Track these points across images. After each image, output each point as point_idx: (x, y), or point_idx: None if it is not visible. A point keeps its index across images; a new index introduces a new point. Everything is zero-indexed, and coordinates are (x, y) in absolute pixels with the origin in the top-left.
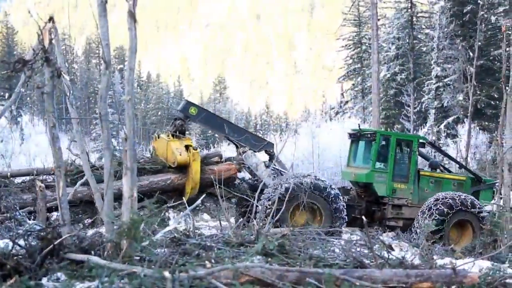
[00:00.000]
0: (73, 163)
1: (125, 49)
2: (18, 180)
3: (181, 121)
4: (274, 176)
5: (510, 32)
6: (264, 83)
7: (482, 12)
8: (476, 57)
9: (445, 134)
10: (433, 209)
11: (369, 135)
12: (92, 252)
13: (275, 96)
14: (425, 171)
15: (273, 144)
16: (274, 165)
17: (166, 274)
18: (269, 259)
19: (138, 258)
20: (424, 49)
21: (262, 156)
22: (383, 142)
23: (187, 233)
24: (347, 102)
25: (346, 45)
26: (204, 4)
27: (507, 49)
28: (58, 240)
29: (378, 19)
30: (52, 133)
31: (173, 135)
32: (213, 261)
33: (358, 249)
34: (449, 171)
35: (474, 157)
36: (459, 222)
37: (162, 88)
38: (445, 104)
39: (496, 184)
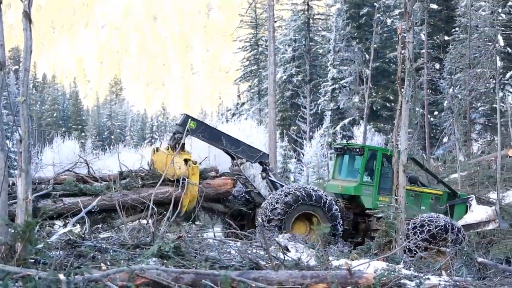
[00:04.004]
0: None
1: (21, 50)
2: None
3: (181, 134)
4: (269, 188)
5: (405, 35)
6: (160, 85)
7: (378, 15)
8: (372, 59)
9: (341, 135)
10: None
11: (357, 150)
12: None
13: (171, 97)
14: (405, 185)
15: (268, 155)
16: (270, 176)
17: (61, 276)
18: (165, 261)
19: (33, 260)
20: (321, 51)
21: (258, 168)
22: (370, 157)
23: (83, 236)
24: (243, 103)
25: (242, 47)
26: (100, 5)
27: (402, 51)
28: None
29: (275, 21)
30: None
31: (172, 149)
32: (108, 263)
33: (254, 250)
34: (425, 186)
35: None
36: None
37: (57, 89)
38: (341, 106)
39: (470, 199)
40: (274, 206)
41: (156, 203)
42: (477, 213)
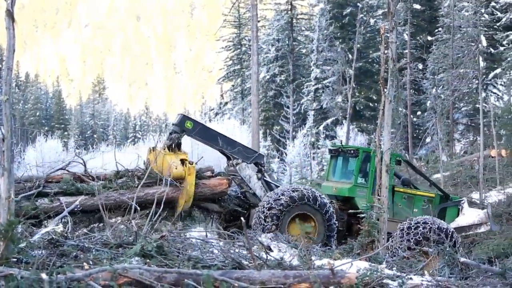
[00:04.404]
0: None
1: (3, 49)
2: None
3: (177, 134)
4: (264, 189)
5: (388, 35)
6: (143, 84)
7: (361, 15)
8: (355, 59)
9: (324, 135)
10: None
11: (351, 152)
12: None
13: (154, 97)
14: (399, 187)
15: (263, 155)
16: (265, 177)
17: (43, 276)
18: (148, 260)
19: (15, 259)
20: (304, 51)
21: (254, 168)
22: (364, 158)
23: (65, 235)
24: (226, 103)
25: (226, 47)
26: (83, 4)
27: (386, 51)
28: None
29: (258, 21)
30: None
31: (169, 149)
32: (91, 262)
33: (237, 250)
34: (417, 188)
35: None
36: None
37: (40, 88)
38: (324, 106)
39: (462, 202)
40: (279, 197)
41: (152, 203)
42: (469, 216)
